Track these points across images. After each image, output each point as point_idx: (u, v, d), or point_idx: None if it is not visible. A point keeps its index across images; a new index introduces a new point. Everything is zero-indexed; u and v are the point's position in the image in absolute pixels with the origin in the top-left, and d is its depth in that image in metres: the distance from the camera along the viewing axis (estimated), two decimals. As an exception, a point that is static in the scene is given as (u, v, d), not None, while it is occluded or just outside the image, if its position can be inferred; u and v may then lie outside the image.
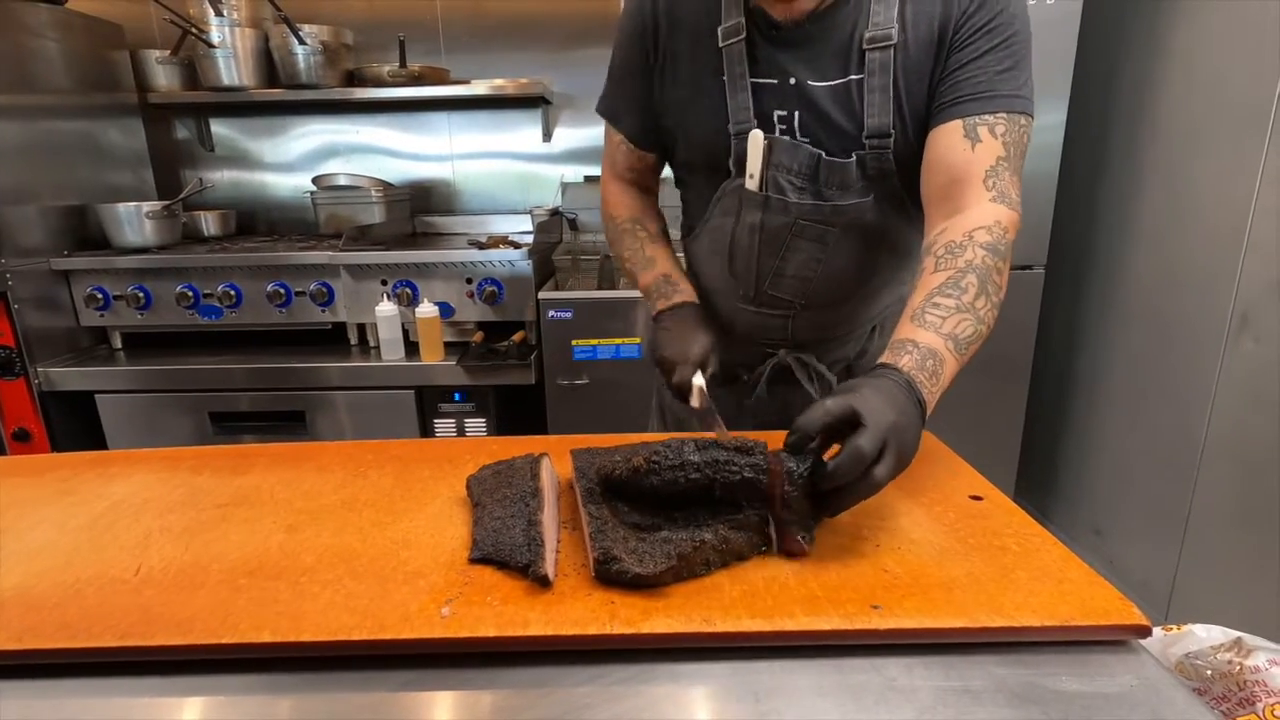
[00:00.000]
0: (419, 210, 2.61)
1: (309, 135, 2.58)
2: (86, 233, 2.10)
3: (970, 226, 0.78)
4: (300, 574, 0.61)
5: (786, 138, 0.89)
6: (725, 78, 0.89)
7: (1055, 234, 2.08)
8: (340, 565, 0.63)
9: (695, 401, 0.89)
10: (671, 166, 1.06)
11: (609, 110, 1.04)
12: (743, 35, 0.87)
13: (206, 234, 2.40)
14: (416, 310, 1.92)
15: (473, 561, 0.63)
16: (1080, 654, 0.54)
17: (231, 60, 2.21)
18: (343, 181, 2.40)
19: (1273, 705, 0.60)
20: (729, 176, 0.94)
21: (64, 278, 2.00)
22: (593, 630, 0.53)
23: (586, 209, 2.45)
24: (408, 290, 2.00)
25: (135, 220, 2.04)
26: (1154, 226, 1.98)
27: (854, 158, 0.87)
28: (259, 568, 0.62)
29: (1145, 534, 2.01)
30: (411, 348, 2.00)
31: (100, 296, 2.00)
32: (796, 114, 0.88)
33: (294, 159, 2.60)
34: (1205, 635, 0.65)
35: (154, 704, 0.51)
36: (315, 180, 2.44)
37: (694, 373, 0.90)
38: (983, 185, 0.79)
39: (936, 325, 0.72)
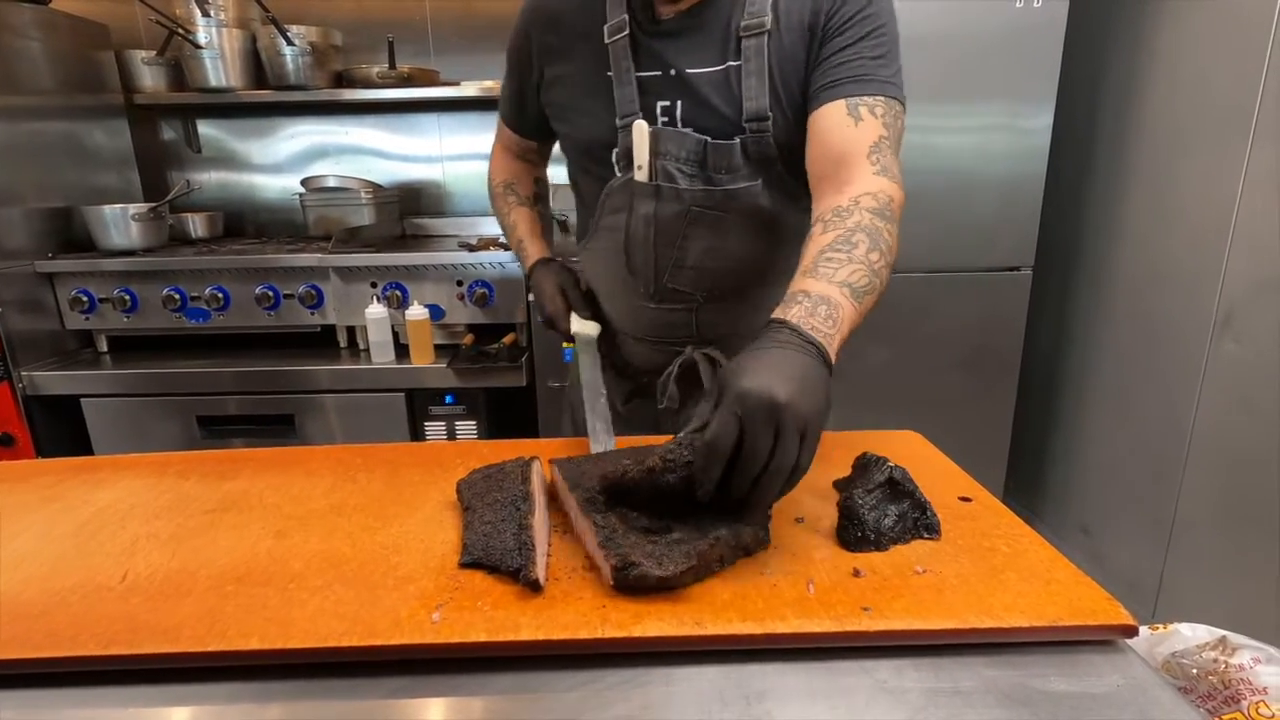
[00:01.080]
0: (409, 212, 2.59)
1: (297, 137, 2.56)
2: (71, 235, 2.08)
3: (856, 193, 0.79)
4: (289, 580, 0.61)
5: (672, 127, 0.91)
6: (611, 73, 0.92)
7: (1043, 235, 2.10)
8: (329, 571, 0.62)
9: (587, 336, 1.01)
10: (569, 170, 1.08)
11: (504, 110, 1.13)
12: (626, 31, 0.90)
13: (194, 236, 2.38)
14: (406, 313, 1.91)
15: (463, 566, 0.62)
16: (1068, 654, 0.54)
17: (219, 61, 2.19)
18: (331, 183, 2.39)
19: (1257, 703, 0.60)
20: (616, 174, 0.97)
21: (48, 280, 1.97)
22: (584, 634, 0.53)
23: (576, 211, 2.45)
24: (397, 293, 1.99)
25: (121, 222, 2.02)
26: (1140, 228, 2.00)
27: (737, 141, 0.90)
28: (247, 574, 0.62)
29: (1133, 532, 2.03)
30: (401, 350, 1.99)
31: (85, 299, 1.97)
32: (679, 103, 0.91)
33: (282, 160, 2.58)
34: (1191, 634, 0.66)
35: (141, 713, 0.51)
36: (304, 182, 2.42)
37: (567, 318, 1.04)
38: (866, 160, 0.81)
39: (829, 275, 0.71)
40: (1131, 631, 0.54)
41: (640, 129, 0.90)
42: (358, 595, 0.58)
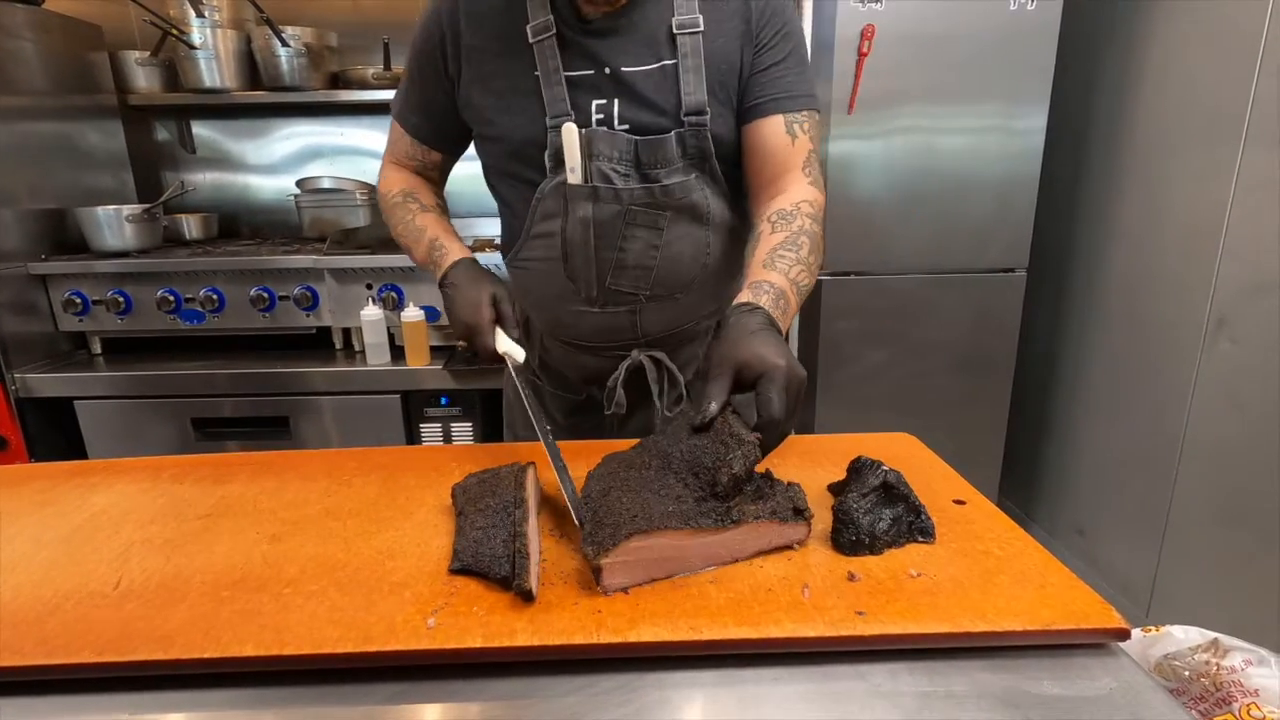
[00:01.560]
0: (404, 213, 2.58)
1: (292, 137, 2.56)
2: (65, 236, 2.07)
3: (796, 200, 0.92)
4: (284, 585, 0.61)
5: (603, 128, 0.92)
6: (539, 73, 0.91)
7: (1037, 237, 2.11)
8: (324, 576, 0.62)
9: (513, 360, 0.88)
10: (491, 180, 1.05)
11: (398, 113, 1.07)
12: (552, 31, 0.90)
13: (188, 237, 2.37)
14: (402, 314, 1.91)
15: (453, 572, 0.62)
16: (1061, 657, 0.54)
17: (213, 62, 2.18)
18: (327, 184, 2.38)
19: (1249, 704, 0.61)
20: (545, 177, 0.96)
21: (41, 282, 1.96)
22: (579, 640, 0.53)
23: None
24: (393, 294, 1.98)
25: (115, 224, 2.01)
26: (1133, 229, 2.01)
27: (673, 134, 0.92)
28: (242, 579, 0.62)
29: (1127, 533, 2.04)
30: (397, 352, 1.99)
31: (79, 301, 1.96)
32: (615, 102, 0.92)
33: (277, 161, 2.58)
34: (1183, 636, 0.67)
35: (135, 720, 0.50)
36: (299, 183, 2.42)
37: (493, 337, 0.89)
38: (802, 172, 0.94)
39: (785, 270, 0.83)
40: (1124, 635, 0.54)
41: (570, 131, 0.90)
42: (353, 601, 0.58)
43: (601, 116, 0.92)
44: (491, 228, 2.55)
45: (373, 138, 2.56)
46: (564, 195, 0.94)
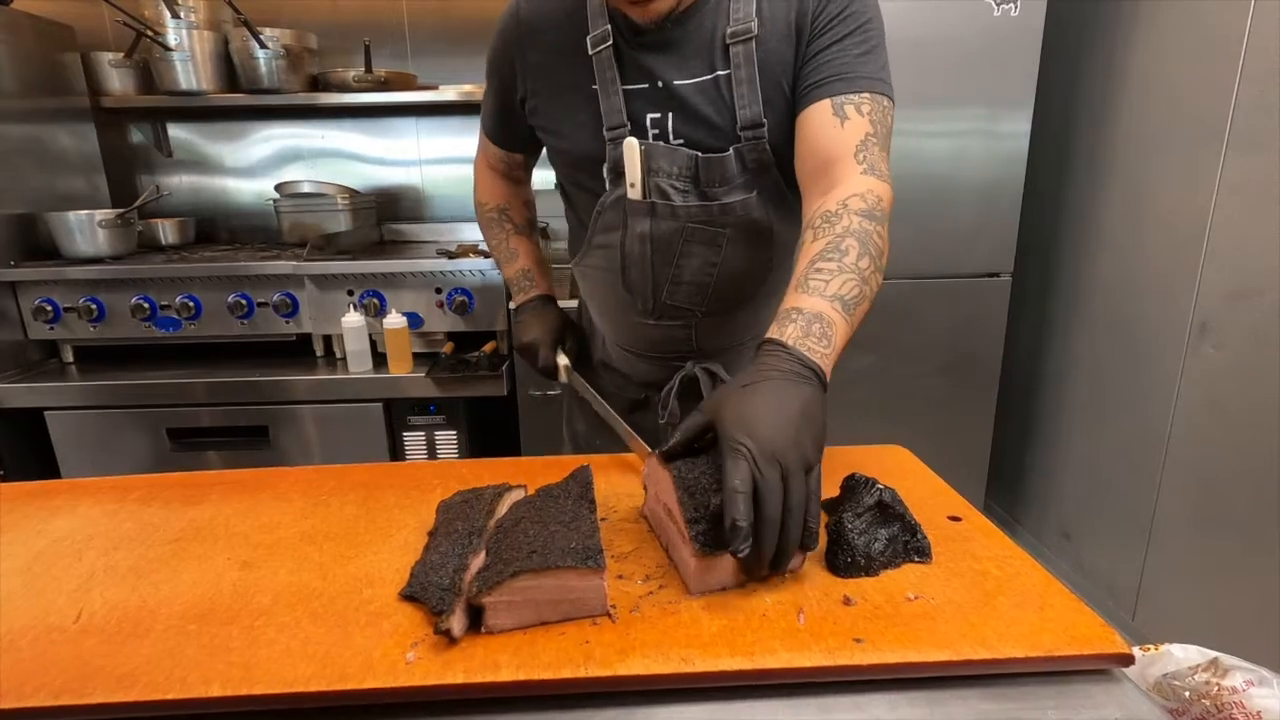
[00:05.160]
0: (386, 218, 2.55)
1: (271, 141, 2.51)
2: (35, 242, 2.01)
3: (844, 196, 0.79)
4: (255, 617, 0.58)
5: (662, 143, 0.89)
6: (597, 85, 0.89)
7: (1021, 241, 2.11)
8: (299, 606, 0.59)
9: (563, 377, 0.97)
10: (561, 183, 1.06)
11: (482, 119, 1.09)
12: (610, 42, 0.87)
13: (164, 243, 2.32)
14: (384, 321, 1.87)
15: (403, 598, 0.59)
16: (1063, 684, 0.53)
17: (189, 64, 2.13)
18: (307, 188, 2.34)
19: (1250, 725, 0.60)
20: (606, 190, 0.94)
21: (10, 289, 1.91)
22: (566, 674, 0.51)
23: (556, 217, 2.40)
24: (375, 300, 1.94)
25: (87, 229, 1.96)
26: (1116, 234, 2.02)
27: (731, 151, 0.88)
28: (210, 611, 0.59)
29: (1112, 537, 2.05)
30: (379, 359, 1.95)
31: (50, 309, 1.91)
32: (669, 116, 0.89)
33: (256, 165, 2.53)
34: (1182, 655, 0.65)
35: (93, 767, 0.48)
36: (278, 187, 2.37)
37: (555, 352, 1.01)
38: (854, 160, 0.81)
39: (820, 289, 0.72)
40: (1128, 660, 0.53)
41: (631, 146, 0.87)
42: (328, 633, 0.56)
43: (657, 131, 0.89)
44: (473, 233, 2.52)
45: (354, 140, 2.52)
46: (624, 210, 0.92)
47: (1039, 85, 1.99)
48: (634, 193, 0.90)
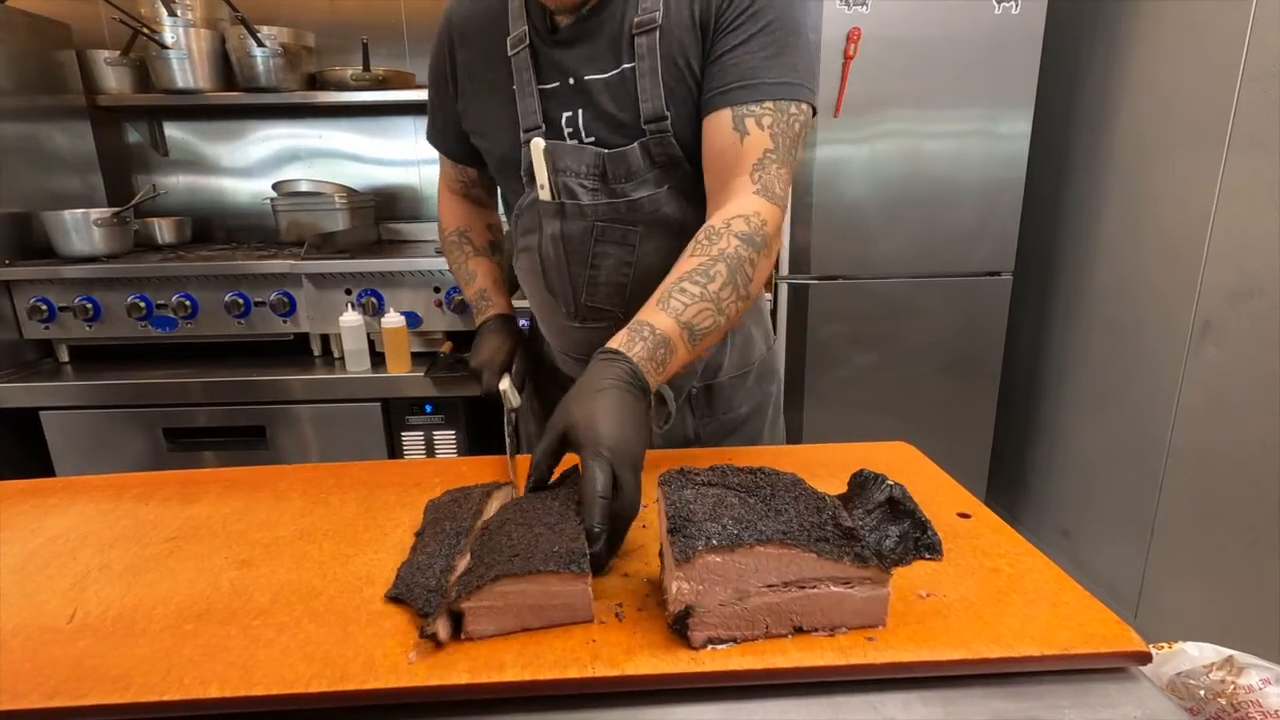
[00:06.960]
0: (384, 217, 2.53)
1: (269, 140, 2.49)
2: (31, 241, 1.99)
3: (730, 215, 0.79)
4: (254, 616, 0.57)
5: (571, 141, 0.88)
6: (515, 86, 0.89)
7: (1022, 241, 2.11)
8: (298, 605, 0.58)
9: (509, 404, 0.95)
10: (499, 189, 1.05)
11: (429, 133, 1.07)
12: (526, 43, 0.87)
13: (160, 242, 2.30)
14: (382, 320, 1.86)
15: (388, 599, 0.58)
16: (1080, 683, 0.52)
17: (186, 62, 2.12)
18: (304, 187, 2.32)
19: (1266, 724, 0.59)
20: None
21: (5, 288, 1.88)
22: (573, 673, 0.50)
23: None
24: (373, 300, 1.93)
25: (83, 228, 1.94)
26: (1117, 234, 2.01)
27: (636, 145, 0.86)
28: (208, 610, 0.58)
29: (1112, 535, 2.04)
30: (377, 359, 1.94)
31: (45, 308, 1.89)
32: (580, 113, 0.88)
33: (253, 164, 2.51)
34: (1197, 654, 0.64)
35: (87, 771, 0.46)
36: (275, 186, 2.35)
37: (499, 379, 0.97)
38: (749, 178, 0.80)
39: (678, 311, 0.73)
40: (1145, 658, 0.52)
41: (536, 146, 0.87)
42: (329, 633, 0.54)
43: (571, 130, 0.88)
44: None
45: (352, 140, 2.50)
46: (537, 211, 0.92)
47: (1039, 85, 1.99)
48: (544, 194, 0.89)
